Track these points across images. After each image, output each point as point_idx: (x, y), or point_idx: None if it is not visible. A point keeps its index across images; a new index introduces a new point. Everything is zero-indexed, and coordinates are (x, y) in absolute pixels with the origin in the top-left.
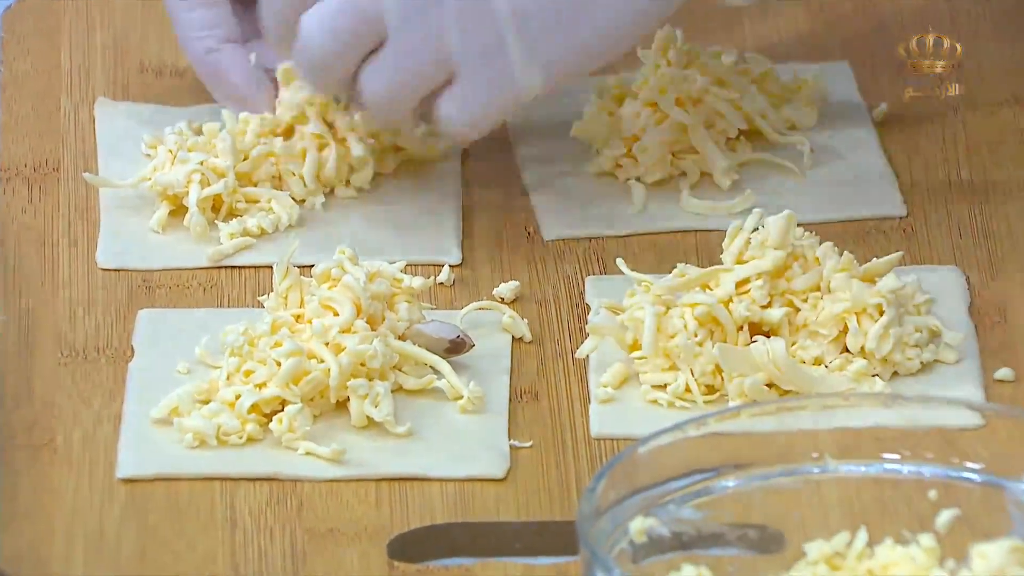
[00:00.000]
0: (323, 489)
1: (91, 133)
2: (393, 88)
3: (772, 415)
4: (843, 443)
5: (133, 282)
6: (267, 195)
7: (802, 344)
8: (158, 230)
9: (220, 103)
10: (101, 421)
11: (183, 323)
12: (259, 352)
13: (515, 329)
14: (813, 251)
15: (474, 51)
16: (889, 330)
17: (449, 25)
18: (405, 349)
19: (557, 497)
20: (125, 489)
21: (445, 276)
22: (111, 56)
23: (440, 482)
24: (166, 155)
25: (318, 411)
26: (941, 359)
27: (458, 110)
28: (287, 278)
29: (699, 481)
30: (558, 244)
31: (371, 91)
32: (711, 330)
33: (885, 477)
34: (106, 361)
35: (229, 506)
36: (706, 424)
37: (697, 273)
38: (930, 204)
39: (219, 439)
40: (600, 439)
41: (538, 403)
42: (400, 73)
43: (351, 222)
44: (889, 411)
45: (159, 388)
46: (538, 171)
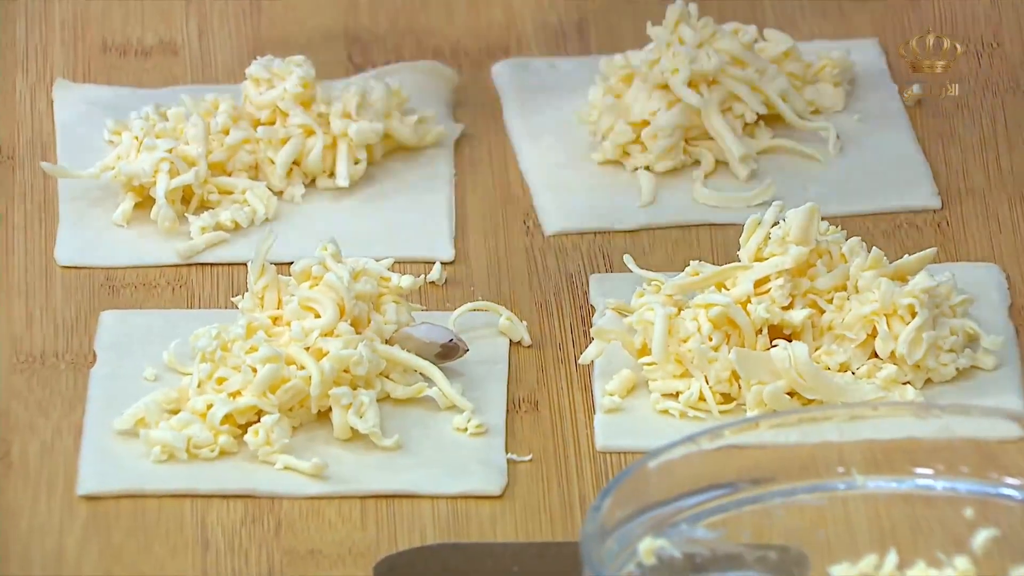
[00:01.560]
0: (303, 507)
1: (49, 118)
2: None
3: (794, 426)
4: (871, 457)
5: (95, 281)
6: (242, 186)
7: (827, 349)
8: (122, 224)
9: None
10: (60, 433)
11: (150, 325)
12: (233, 358)
13: (513, 332)
14: (839, 247)
15: None
16: (922, 333)
17: None
18: (393, 354)
19: (559, 516)
20: (87, 507)
21: (436, 274)
22: (71, 33)
23: (431, 499)
24: (131, 142)
25: (297, 422)
26: (979, 365)
27: None
28: (263, 276)
29: (714, 498)
30: (560, 239)
31: None
32: (727, 333)
33: (917, 494)
34: (66, 367)
35: (200, 525)
36: (722, 436)
37: (712, 271)
38: (967, 195)
39: (189, 452)
40: (606, 452)
41: (538, 413)
42: None
43: (334, 215)
44: (922, 422)
45: (124, 397)
46: (538, 159)
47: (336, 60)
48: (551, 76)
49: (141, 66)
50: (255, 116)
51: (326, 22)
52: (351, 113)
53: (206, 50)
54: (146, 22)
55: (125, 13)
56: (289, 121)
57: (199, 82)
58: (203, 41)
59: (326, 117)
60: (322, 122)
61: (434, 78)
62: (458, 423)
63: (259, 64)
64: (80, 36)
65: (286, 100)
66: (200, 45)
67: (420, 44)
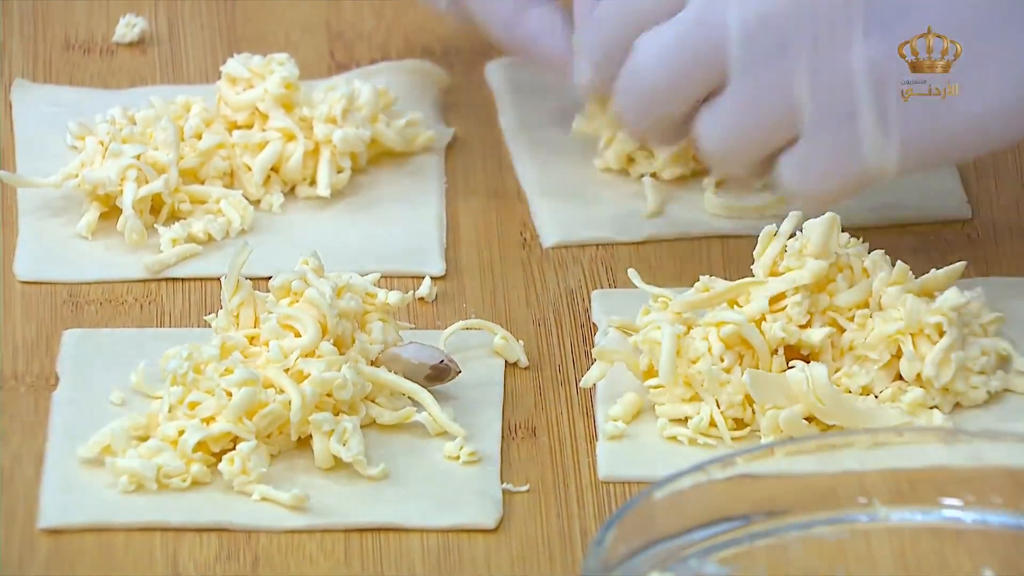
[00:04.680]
0: (282, 541)
1: (7, 122)
2: (732, 138)
3: (812, 454)
4: (896, 487)
5: (57, 297)
6: (216, 194)
7: (848, 370)
8: (87, 236)
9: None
10: (20, 461)
11: (116, 345)
12: (206, 380)
13: (509, 353)
14: (861, 261)
15: (822, 110)
16: (950, 354)
17: (798, 77)
18: (379, 377)
19: (558, 551)
20: (48, 541)
21: (426, 290)
22: (30, 29)
23: (420, 533)
24: (96, 147)
25: (276, 450)
26: (1011, 388)
27: (798, 174)
28: (239, 292)
29: (726, 531)
30: (559, 252)
31: (708, 138)
32: (740, 354)
33: (945, 527)
34: (26, 390)
35: (171, 561)
36: (734, 464)
37: (724, 287)
38: (999, 205)
39: (159, 482)
40: (609, 482)
41: (536, 440)
42: (741, 123)
43: (315, 226)
44: (950, 449)
45: (88, 422)
46: (535, 166)
47: (317, 58)
48: None
49: (106, 65)
50: (230, 119)
51: (306, 17)
52: (336, 118)
53: (177, 48)
54: (111, 17)
55: (89, 9)
56: (268, 124)
57: (169, 82)
58: (173, 38)
59: (308, 121)
60: (304, 126)
61: (423, 78)
62: (449, 451)
63: (236, 61)
64: (40, 32)
65: (266, 102)
66: (170, 42)
67: (408, 41)
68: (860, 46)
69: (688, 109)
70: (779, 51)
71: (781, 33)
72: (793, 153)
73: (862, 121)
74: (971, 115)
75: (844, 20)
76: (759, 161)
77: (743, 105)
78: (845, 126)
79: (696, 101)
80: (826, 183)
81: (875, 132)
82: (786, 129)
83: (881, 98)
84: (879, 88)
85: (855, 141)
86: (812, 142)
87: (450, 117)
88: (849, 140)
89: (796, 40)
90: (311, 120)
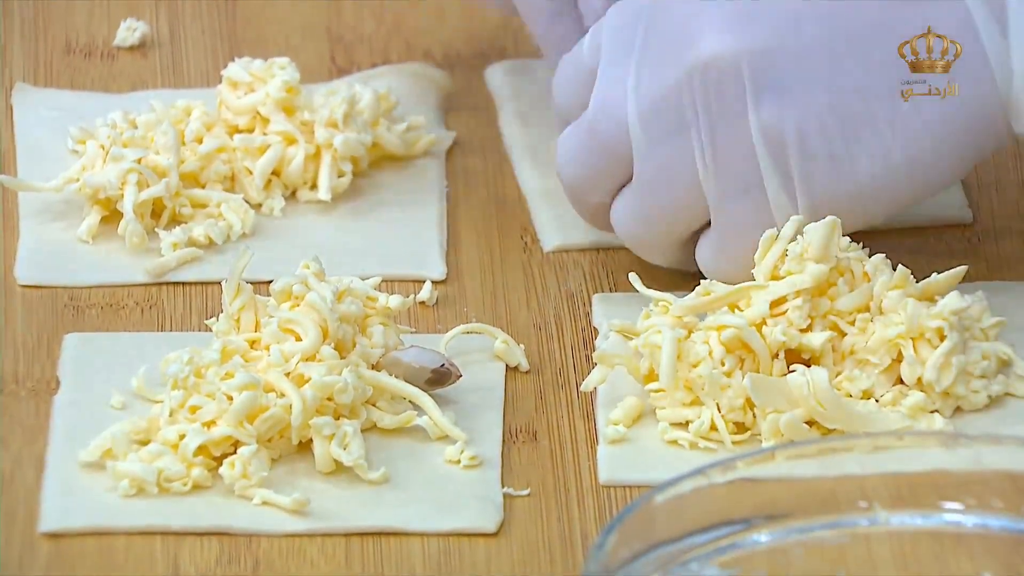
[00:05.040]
0: (283, 545)
1: (8, 125)
2: (642, 225)
3: (813, 458)
4: (896, 491)
5: (58, 301)
6: (217, 198)
7: (848, 374)
8: (88, 240)
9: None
10: (21, 465)
11: (117, 349)
12: (207, 384)
13: (509, 357)
14: (861, 265)
15: (726, 183)
16: (951, 358)
17: (697, 153)
18: (380, 381)
19: (559, 555)
20: (49, 545)
21: (427, 294)
22: (31, 32)
23: (421, 537)
24: (97, 151)
25: (277, 454)
26: (1012, 392)
27: (713, 255)
28: (240, 296)
29: (726, 535)
30: (560, 255)
31: (621, 227)
32: (741, 358)
33: (946, 530)
34: (27, 394)
35: (172, 565)
36: (735, 468)
37: (724, 291)
38: (1000, 209)
39: (160, 486)
40: (610, 486)
41: (536, 444)
42: (647, 209)
43: (316, 230)
44: (951, 453)
45: (89, 426)
46: (536, 170)
47: (317, 62)
48: (551, 80)
49: (107, 69)
50: (231, 122)
51: (306, 21)
52: (338, 122)
53: (178, 52)
54: (112, 21)
55: (90, 11)
56: (270, 128)
57: (170, 86)
58: (174, 42)
59: (310, 125)
60: (305, 130)
61: (424, 82)
62: (450, 455)
63: (238, 65)
64: (41, 36)
65: (267, 105)
66: (171, 46)
67: (409, 45)
68: (753, 115)
69: (609, 199)
70: (676, 130)
71: (676, 113)
72: (706, 236)
73: (768, 188)
74: (873, 175)
75: (733, 92)
76: (676, 246)
77: (649, 188)
78: (750, 197)
79: (614, 190)
80: (743, 260)
81: (782, 198)
82: (694, 210)
83: (781, 163)
84: (778, 153)
85: (763, 211)
86: (721, 219)
87: (451, 121)
88: (757, 210)
89: (691, 118)
90: (312, 124)
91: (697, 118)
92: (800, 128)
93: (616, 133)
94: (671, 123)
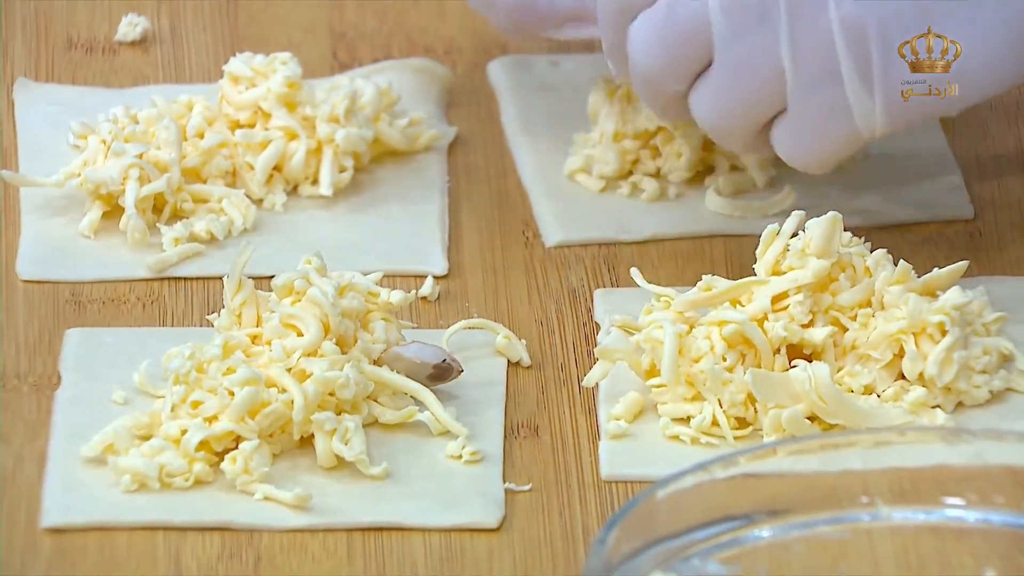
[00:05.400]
0: (284, 540)
1: (9, 121)
2: (724, 112)
3: (814, 453)
4: (898, 486)
5: (60, 296)
6: (218, 193)
7: (850, 370)
8: (89, 235)
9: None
10: (23, 460)
11: (119, 344)
12: (209, 380)
13: (511, 352)
14: (863, 260)
15: (805, 74)
16: (953, 353)
17: (779, 43)
18: (382, 376)
19: (560, 550)
20: (51, 540)
21: (429, 289)
22: (32, 28)
23: (423, 532)
24: (98, 147)
25: (279, 449)
26: (1014, 387)
27: (790, 141)
28: (241, 292)
29: (728, 531)
30: (561, 251)
31: (702, 114)
32: (742, 353)
33: (947, 526)
34: (28, 389)
35: (174, 560)
36: (736, 464)
37: (726, 286)
38: (1002, 204)
39: (162, 481)
40: (611, 481)
41: (538, 439)
42: (728, 98)
43: (318, 225)
44: (952, 448)
45: (91, 421)
46: (538, 165)
47: (319, 58)
48: (552, 75)
49: (109, 64)
50: (233, 118)
51: (309, 17)
52: (339, 118)
53: (179, 47)
54: (114, 16)
55: (91, 7)
56: (271, 123)
57: (172, 81)
58: (176, 37)
59: (311, 120)
60: (306, 125)
61: (426, 77)
62: (452, 450)
63: (239, 60)
64: (43, 31)
65: (269, 101)
66: (173, 41)
67: (411, 41)
68: (835, 7)
69: (686, 87)
70: (758, 20)
71: (758, 2)
72: (783, 122)
73: (845, 81)
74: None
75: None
76: (755, 133)
77: (730, 77)
78: (829, 88)
79: (691, 79)
80: (819, 147)
81: (859, 91)
82: (774, 98)
83: (861, 57)
84: (858, 47)
85: (841, 102)
86: (799, 108)
87: (452, 116)
88: (834, 101)
89: (773, 7)
90: (314, 119)
91: (780, 9)
92: (881, 21)
93: (697, 21)
94: (754, 10)
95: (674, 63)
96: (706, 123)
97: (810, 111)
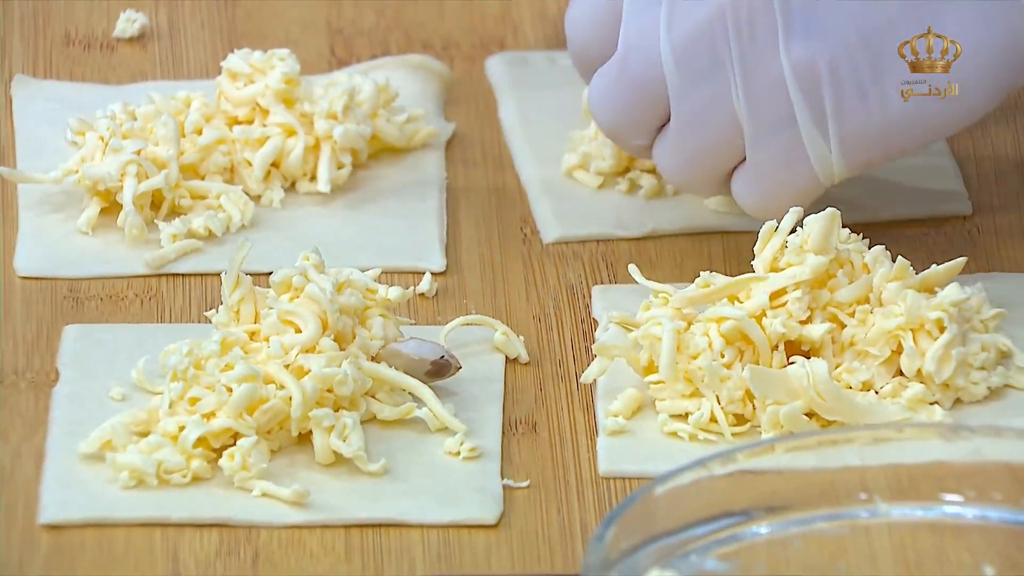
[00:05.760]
0: (282, 537)
1: (7, 117)
2: (683, 166)
3: (812, 450)
4: (896, 482)
5: (58, 293)
6: (216, 190)
7: (848, 366)
8: (87, 232)
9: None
10: (20, 457)
11: (117, 341)
12: (207, 376)
13: (509, 348)
14: (861, 256)
15: (761, 122)
16: (951, 350)
17: (733, 92)
18: (379, 372)
19: (558, 546)
20: (49, 536)
21: (427, 286)
22: (30, 24)
23: (421, 529)
24: (96, 143)
25: (276, 446)
26: (1012, 384)
27: (750, 191)
28: (239, 288)
29: (726, 527)
30: (559, 247)
31: (663, 168)
32: (740, 349)
33: (945, 522)
34: (26, 386)
35: (172, 557)
36: (734, 460)
37: (724, 282)
38: (1000, 201)
39: (160, 478)
40: (609, 478)
41: (536, 436)
42: (687, 150)
43: (316, 222)
44: (950, 445)
45: (89, 418)
46: (536, 161)
47: (317, 54)
48: (550, 71)
49: (107, 61)
50: (231, 114)
51: (307, 13)
52: (337, 114)
53: (177, 43)
54: (112, 13)
55: (89, 3)
56: (269, 120)
57: (169, 78)
58: (174, 33)
59: (309, 117)
60: (304, 122)
61: (424, 73)
62: (450, 446)
63: (237, 57)
64: (40, 28)
65: (267, 97)
66: (171, 38)
67: (408, 37)
68: (784, 52)
69: (648, 141)
70: (711, 70)
71: (710, 51)
72: (742, 171)
73: (800, 125)
74: (903, 109)
75: (765, 28)
76: (718, 183)
77: (687, 129)
78: (785, 134)
79: (652, 133)
80: (777, 196)
81: (814, 134)
82: (733, 148)
83: (815, 99)
84: (810, 89)
85: (798, 148)
86: (757, 156)
87: (450, 112)
88: (791, 148)
89: (725, 55)
90: (312, 116)
91: (730, 54)
92: (831, 64)
93: (650, 75)
94: (705, 61)
95: (631, 119)
96: (669, 175)
97: (767, 159)
